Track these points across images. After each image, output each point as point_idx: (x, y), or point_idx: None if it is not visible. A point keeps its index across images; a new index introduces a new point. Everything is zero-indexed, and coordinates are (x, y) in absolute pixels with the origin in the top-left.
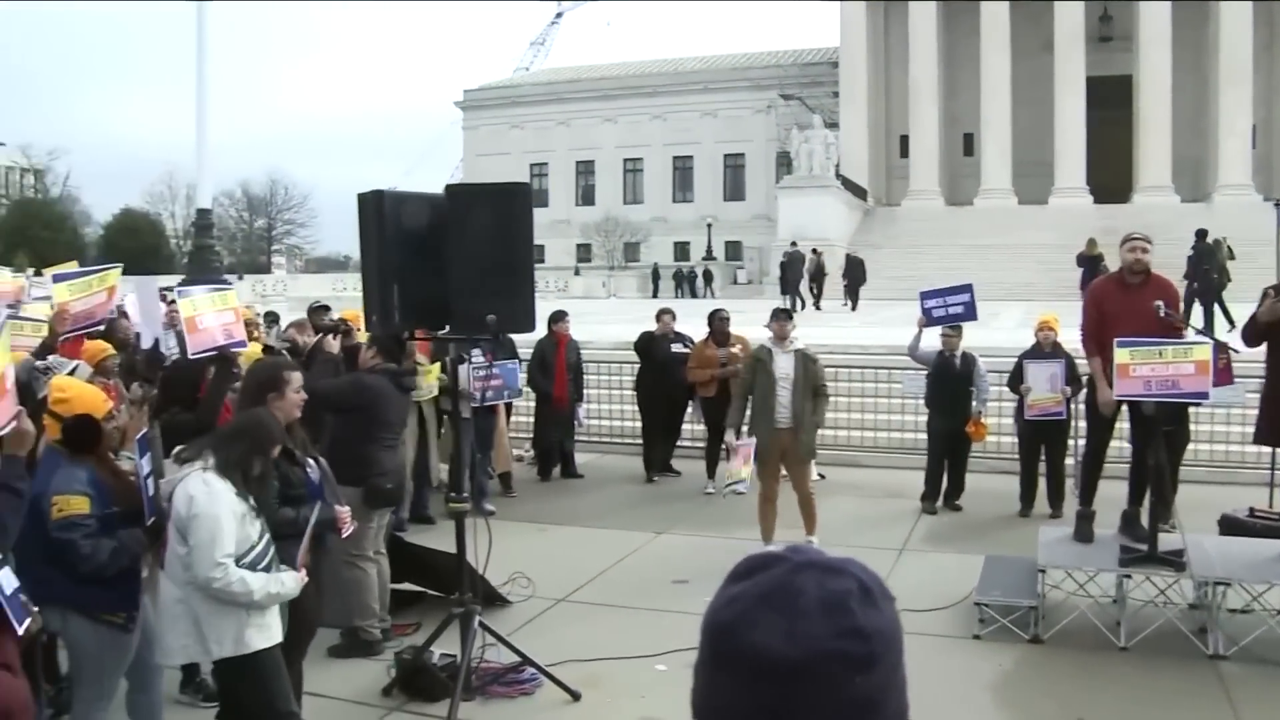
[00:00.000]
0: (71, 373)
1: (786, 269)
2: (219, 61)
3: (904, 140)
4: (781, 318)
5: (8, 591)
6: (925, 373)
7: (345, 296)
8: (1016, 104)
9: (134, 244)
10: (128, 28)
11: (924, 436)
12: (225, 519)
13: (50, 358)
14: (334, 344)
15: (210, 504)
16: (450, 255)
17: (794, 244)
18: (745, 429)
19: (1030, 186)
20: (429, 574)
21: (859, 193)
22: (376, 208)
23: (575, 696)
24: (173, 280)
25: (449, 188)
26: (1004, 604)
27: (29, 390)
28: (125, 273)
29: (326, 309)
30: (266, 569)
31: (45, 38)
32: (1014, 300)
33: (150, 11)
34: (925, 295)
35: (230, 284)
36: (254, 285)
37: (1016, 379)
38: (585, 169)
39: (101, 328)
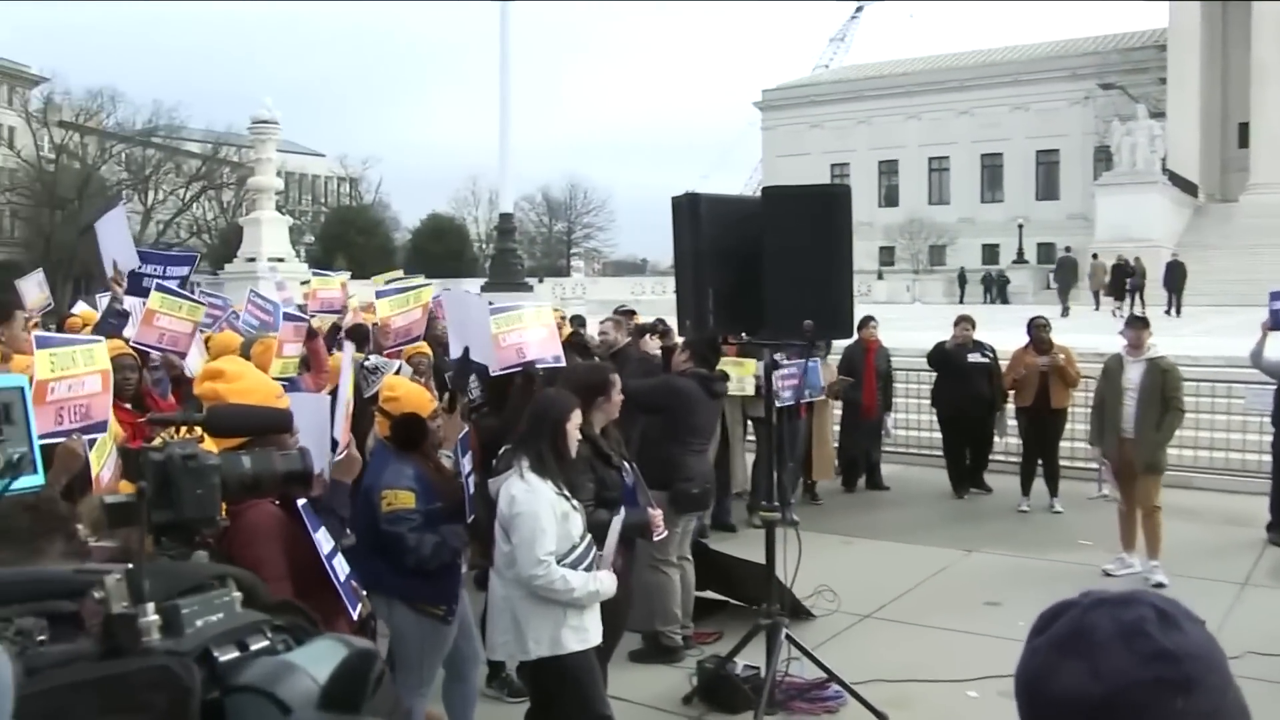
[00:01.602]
0: (397, 373)
1: (1059, 275)
2: (521, 68)
3: (1243, 128)
4: (1137, 325)
5: (341, 578)
6: (1274, 387)
7: (644, 300)
8: None
9: (439, 248)
10: (434, 41)
11: (1269, 458)
12: (546, 517)
13: (373, 358)
14: (652, 343)
15: (531, 502)
16: (767, 259)
17: (1068, 249)
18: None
19: None
20: (733, 582)
21: (1188, 188)
22: (691, 211)
23: (882, 718)
24: (475, 284)
25: (766, 190)
26: None
27: (356, 389)
28: (431, 275)
29: (631, 313)
30: (589, 569)
31: (359, 56)
32: None
33: (454, 21)
34: (1275, 295)
35: (530, 288)
36: (554, 288)
37: None
38: (888, 169)
39: (419, 343)
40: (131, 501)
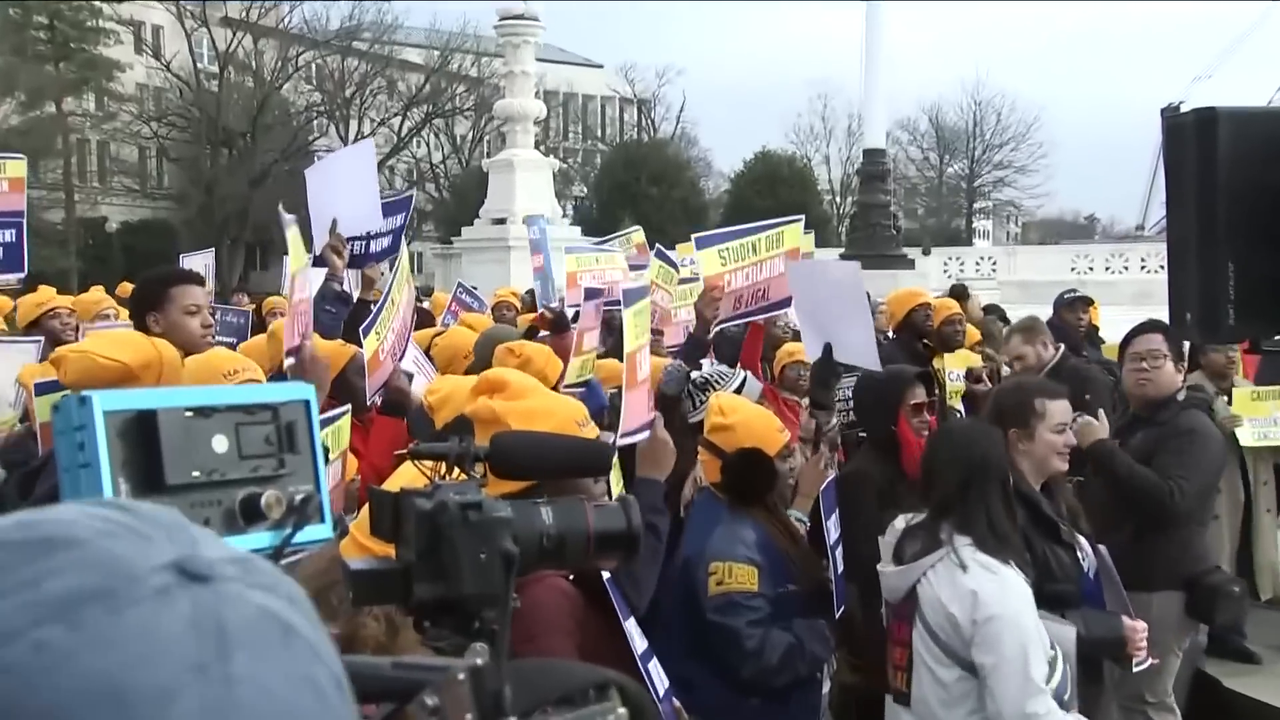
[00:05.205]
0: (739, 389)
1: None
2: None
3: None
4: None
5: (660, 690)
6: None
7: (1090, 280)
8: None
9: (771, 202)
10: None
11: None
12: (1030, 625)
13: (709, 366)
14: None
15: (1007, 603)
16: None
17: None
18: None
19: None
20: None
21: None
22: (1201, 136)
23: None
24: (828, 255)
25: None
26: None
27: (673, 406)
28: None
29: (1088, 302)
30: (1067, 706)
31: None
32: None
33: None
34: None
35: (911, 263)
36: (945, 263)
37: None
38: None
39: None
40: (391, 569)
